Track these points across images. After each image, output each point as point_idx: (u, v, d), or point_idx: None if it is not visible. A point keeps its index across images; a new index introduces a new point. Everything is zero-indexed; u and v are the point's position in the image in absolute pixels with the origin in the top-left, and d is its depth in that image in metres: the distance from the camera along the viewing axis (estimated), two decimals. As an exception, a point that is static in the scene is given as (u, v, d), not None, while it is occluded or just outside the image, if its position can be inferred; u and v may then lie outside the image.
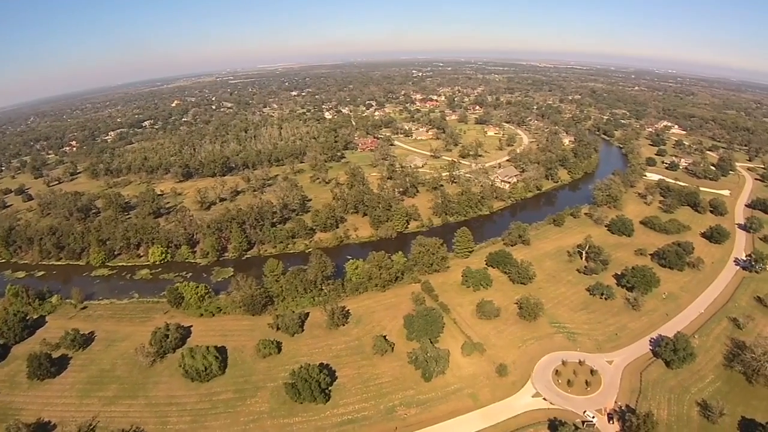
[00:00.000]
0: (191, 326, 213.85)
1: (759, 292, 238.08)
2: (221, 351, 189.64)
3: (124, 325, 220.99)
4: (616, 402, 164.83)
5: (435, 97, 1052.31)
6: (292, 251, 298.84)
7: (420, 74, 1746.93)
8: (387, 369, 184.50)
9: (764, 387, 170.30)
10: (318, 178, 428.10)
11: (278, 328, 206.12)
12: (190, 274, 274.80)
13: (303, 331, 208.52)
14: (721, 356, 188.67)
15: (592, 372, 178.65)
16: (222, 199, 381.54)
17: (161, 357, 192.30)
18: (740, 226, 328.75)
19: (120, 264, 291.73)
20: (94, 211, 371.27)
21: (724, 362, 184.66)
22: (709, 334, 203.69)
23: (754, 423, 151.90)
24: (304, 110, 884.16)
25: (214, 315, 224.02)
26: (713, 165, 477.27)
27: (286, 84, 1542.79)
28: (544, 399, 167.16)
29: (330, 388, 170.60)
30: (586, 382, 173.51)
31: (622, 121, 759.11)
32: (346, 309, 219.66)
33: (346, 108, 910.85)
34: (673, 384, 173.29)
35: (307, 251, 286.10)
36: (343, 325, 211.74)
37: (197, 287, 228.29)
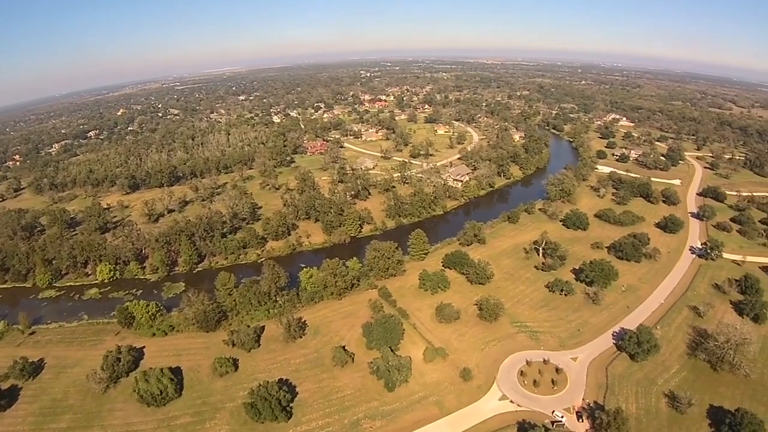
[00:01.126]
0: (144, 347, 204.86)
1: (716, 279, 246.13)
2: (176, 372, 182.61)
3: (74, 349, 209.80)
4: (583, 399, 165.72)
5: (384, 97, 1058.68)
6: (244, 262, 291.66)
7: (368, 75, 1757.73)
8: (348, 381, 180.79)
9: (729, 374, 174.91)
10: (268, 185, 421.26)
11: (234, 345, 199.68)
12: (141, 291, 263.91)
13: (259, 345, 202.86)
14: (684, 346, 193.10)
15: (558, 370, 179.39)
16: (170, 211, 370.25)
17: (114, 382, 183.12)
18: (693, 215, 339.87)
19: (68, 284, 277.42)
20: (39, 228, 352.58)
21: (688, 351, 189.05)
22: (670, 324, 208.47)
23: (723, 410, 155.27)
24: (252, 115, 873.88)
25: (166, 334, 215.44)
26: (663, 155, 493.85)
27: (234, 88, 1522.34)
28: (511, 401, 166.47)
29: (291, 404, 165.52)
30: (552, 381, 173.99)
31: (571, 115, 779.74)
32: (303, 320, 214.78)
33: (295, 111, 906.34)
34: (639, 377, 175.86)
35: (259, 261, 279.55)
36: (301, 337, 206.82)
37: (148, 305, 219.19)
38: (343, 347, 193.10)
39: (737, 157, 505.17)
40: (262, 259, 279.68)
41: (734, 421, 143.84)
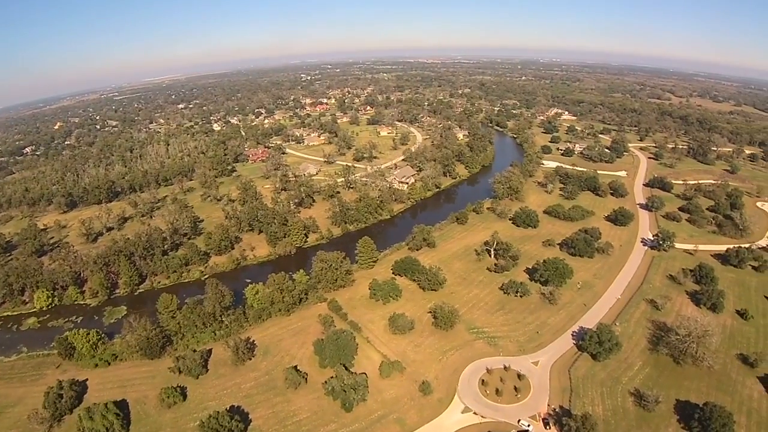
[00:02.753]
0: (86, 380, 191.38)
1: (670, 270, 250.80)
2: (122, 405, 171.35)
3: (14, 386, 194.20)
4: (549, 405, 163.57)
5: (325, 101, 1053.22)
6: (187, 280, 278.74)
7: (309, 78, 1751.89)
8: (303, 403, 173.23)
9: (693, 367, 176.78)
10: (209, 196, 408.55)
11: (180, 371, 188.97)
12: (81, 318, 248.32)
13: (207, 371, 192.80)
14: (645, 341, 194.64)
15: (520, 376, 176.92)
16: (109, 229, 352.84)
17: (58, 421, 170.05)
18: (642, 206, 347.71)
19: (5, 314, 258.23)
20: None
21: (650, 347, 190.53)
22: (629, 319, 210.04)
23: (690, 404, 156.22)
24: (192, 123, 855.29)
25: (110, 364, 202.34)
26: (607, 148, 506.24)
27: (173, 97, 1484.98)
28: (475, 413, 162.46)
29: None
30: (515, 388, 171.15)
31: (514, 111, 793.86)
32: (251, 340, 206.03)
33: (235, 118, 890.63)
34: (603, 377, 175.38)
35: (203, 279, 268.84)
36: (250, 359, 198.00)
37: (88, 334, 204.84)
38: (295, 367, 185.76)
39: (680, 146, 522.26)
40: (206, 276, 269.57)
41: (703, 416, 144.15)
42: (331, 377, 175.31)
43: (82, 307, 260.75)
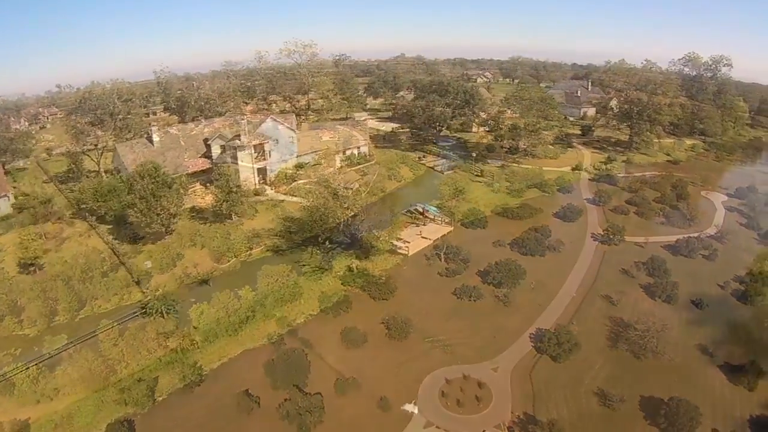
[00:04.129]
0: (29, 419, 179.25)
1: (623, 264, 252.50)
2: None
3: None
4: (513, 413, 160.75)
5: (265, 106, 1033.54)
6: (129, 303, 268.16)
7: (248, 84, 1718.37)
8: (258, 430, 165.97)
9: (653, 361, 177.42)
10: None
11: (126, 404, 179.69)
12: (20, 350, 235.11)
13: (155, 401, 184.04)
14: (603, 338, 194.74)
15: (480, 384, 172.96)
16: (46, 251, 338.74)
17: None
18: (589, 201, 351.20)
19: None
20: None
21: (609, 344, 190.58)
22: (586, 317, 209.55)
23: (655, 400, 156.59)
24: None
25: (52, 399, 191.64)
26: (551, 144, 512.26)
27: None
28: (438, 427, 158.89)
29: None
30: (477, 398, 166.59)
31: (456, 110, 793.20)
32: (198, 365, 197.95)
33: (174, 128, 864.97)
34: (565, 379, 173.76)
35: (146, 300, 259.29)
36: (198, 385, 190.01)
37: (27, 368, 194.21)
38: (247, 391, 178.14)
39: (622, 139, 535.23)
40: (149, 298, 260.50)
41: (670, 411, 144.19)
42: (285, 400, 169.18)
43: (21, 338, 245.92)
